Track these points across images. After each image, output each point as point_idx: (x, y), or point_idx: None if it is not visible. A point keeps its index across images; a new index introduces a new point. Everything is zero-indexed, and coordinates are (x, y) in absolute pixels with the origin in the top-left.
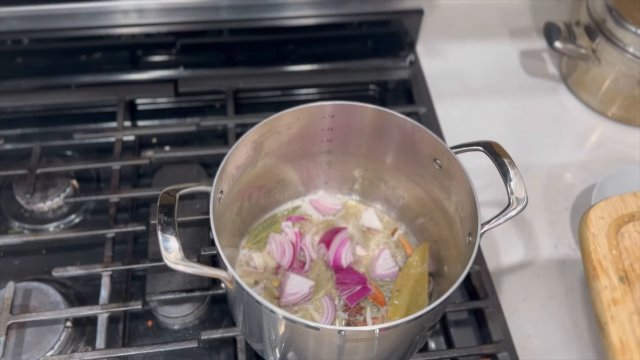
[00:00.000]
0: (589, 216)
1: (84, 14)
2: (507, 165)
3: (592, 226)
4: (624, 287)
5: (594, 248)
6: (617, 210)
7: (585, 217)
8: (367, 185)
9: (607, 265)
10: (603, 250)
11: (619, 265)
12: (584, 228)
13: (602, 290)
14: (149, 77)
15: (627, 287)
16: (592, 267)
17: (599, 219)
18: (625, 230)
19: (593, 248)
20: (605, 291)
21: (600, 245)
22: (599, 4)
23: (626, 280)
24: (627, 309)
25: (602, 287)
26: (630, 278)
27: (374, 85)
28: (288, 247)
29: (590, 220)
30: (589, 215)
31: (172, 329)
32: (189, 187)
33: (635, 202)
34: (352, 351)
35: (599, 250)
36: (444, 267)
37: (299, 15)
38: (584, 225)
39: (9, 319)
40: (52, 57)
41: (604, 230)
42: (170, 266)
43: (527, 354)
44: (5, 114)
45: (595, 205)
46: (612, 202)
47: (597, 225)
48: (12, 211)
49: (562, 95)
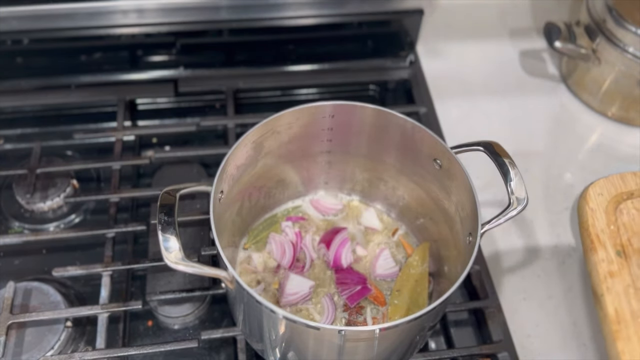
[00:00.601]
0: (588, 192)
1: (84, 14)
2: (508, 165)
3: (591, 201)
4: (621, 261)
5: (592, 222)
6: (616, 188)
7: (585, 193)
8: (367, 185)
9: (604, 239)
10: (601, 224)
11: (616, 240)
12: (583, 203)
13: (599, 262)
14: (149, 77)
15: (623, 261)
16: (590, 241)
17: (598, 195)
18: (624, 206)
19: (591, 222)
20: (602, 264)
21: (599, 219)
22: (599, 4)
23: (623, 255)
24: (623, 282)
25: (599, 260)
26: (628, 252)
27: (374, 85)
28: (288, 247)
29: (590, 196)
30: (588, 191)
31: (172, 328)
32: (189, 187)
33: (634, 180)
34: (352, 351)
35: (597, 224)
36: (444, 267)
37: (299, 15)
38: (583, 201)
39: (9, 318)
40: (52, 57)
41: (603, 206)
42: (170, 266)
43: (527, 354)
44: (5, 114)
45: (595, 182)
46: (612, 180)
47: (596, 201)
48: (12, 211)
49: (562, 95)
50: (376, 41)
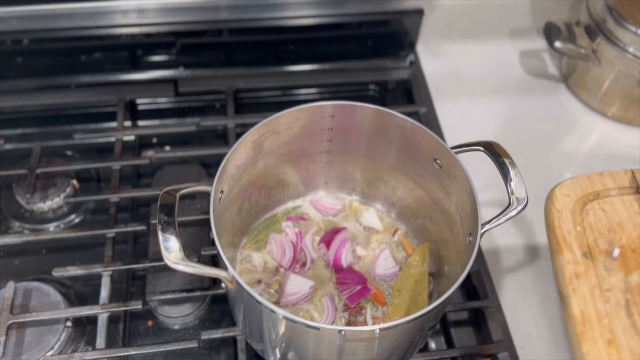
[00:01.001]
0: (555, 193)
1: (84, 14)
2: (508, 165)
3: (557, 203)
4: (587, 262)
5: (559, 224)
6: (582, 188)
7: (551, 194)
8: (367, 185)
9: (570, 241)
10: (567, 225)
11: (582, 241)
12: (549, 204)
13: (565, 264)
14: (149, 77)
15: (590, 262)
16: (556, 242)
17: (565, 196)
18: (591, 207)
19: (557, 223)
20: (568, 265)
21: (565, 221)
22: (599, 4)
23: (589, 256)
24: (589, 283)
25: (565, 261)
26: (594, 253)
27: (374, 85)
28: (288, 247)
29: (556, 197)
30: (555, 192)
31: (172, 329)
32: (189, 187)
33: (600, 180)
34: (352, 351)
35: (563, 225)
36: (444, 267)
37: (299, 15)
38: (549, 202)
39: (9, 318)
40: (52, 57)
41: (569, 207)
42: (170, 266)
43: (527, 354)
44: (5, 114)
45: (562, 183)
46: (578, 181)
47: (562, 202)
48: (12, 211)
49: (562, 95)
50: (376, 41)
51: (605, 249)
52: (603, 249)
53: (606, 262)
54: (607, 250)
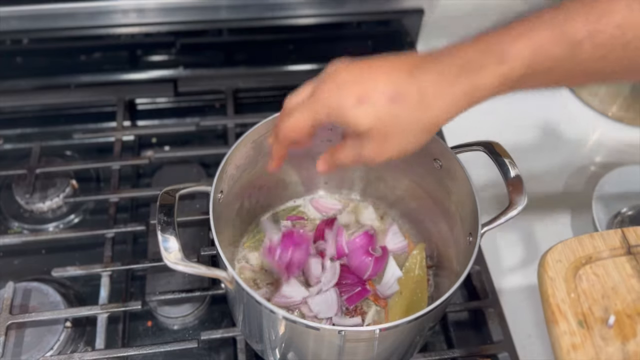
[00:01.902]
0: (547, 260)
1: (84, 14)
2: (508, 165)
3: (549, 270)
4: (583, 332)
5: (552, 292)
6: (574, 253)
7: (543, 261)
8: (366, 185)
9: (565, 310)
10: (561, 294)
11: (577, 309)
12: (542, 272)
13: (562, 335)
14: (148, 77)
15: (586, 332)
16: (551, 312)
17: (557, 262)
18: (583, 272)
19: (551, 292)
20: (564, 337)
21: (559, 289)
22: None
23: (585, 325)
24: (586, 355)
25: (561, 333)
26: (589, 322)
27: None
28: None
29: (548, 263)
30: (547, 259)
31: (172, 329)
32: (189, 187)
33: (591, 243)
34: (352, 351)
35: (557, 294)
36: (444, 268)
37: (299, 15)
38: (541, 269)
39: (8, 319)
40: (52, 57)
41: (562, 274)
42: (170, 266)
43: (528, 354)
44: (5, 114)
45: (553, 248)
46: (569, 245)
47: (554, 268)
48: (12, 211)
49: (562, 95)
50: (376, 41)
51: (600, 316)
52: (598, 316)
53: (602, 330)
54: (602, 318)
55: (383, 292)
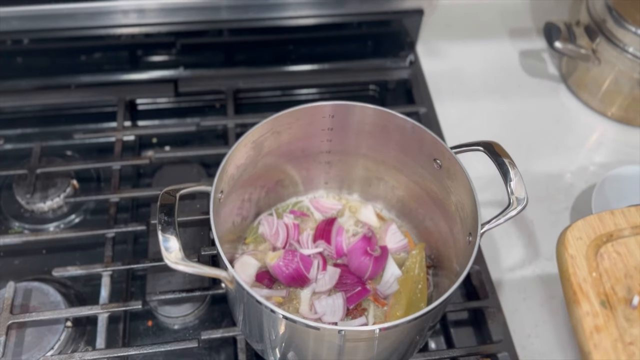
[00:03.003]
0: (567, 237)
1: (84, 14)
2: (507, 165)
3: (570, 247)
4: (606, 313)
5: (573, 271)
6: (595, 230)
7: (563, 238)
8: (367, 185)
9: (587, 289)
10: (583, 273)
11: (599, 289)
12: (561, 249)
13: (584, 316)
14: (149, 77)
15: (609, 312)
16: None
17: (577, 239)
18: (605, 250)
19: (572, 271)
20: (587, 318)
21: (580, 267)
22: (599, 4)
23: (608, 305)
24: (610, 336)
25: (583, 314)
26: (612, 302)
27: (374, 85)
28: (282, 229)
29: (568, 241)
30: (567, 236)
31: (172, 329)
32: (189, 187)
33: (612, 220)
34: (352, 351)
35: (579, 273)
36: (444, 267)
37: (299, 15)
38: (561, 247)
39: (9, 319)
40: (52, 57)
41: (583, 252)
42: (170, 266)
43: (527, 354)
44: (5, 114)
45: (572, 225)
46: (590, 221)
47: (575, 246)
48: (12, 211)
49: (562, 95)
50: (376, 41)
51: (624, 296)
52: (622, 296)
53: (626, 311)
54: (626, 298)
55: (383, 292)
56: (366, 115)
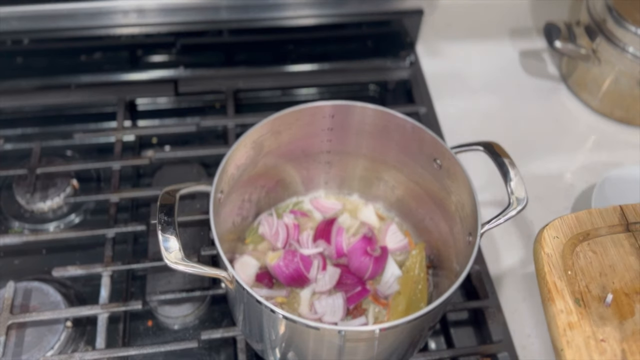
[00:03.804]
0: (543, 235)
1: (84, 14)
2: (507, 165)
3: (546, 246)
4: (580, 310)
5: (549, 269)
6: (571, 229)
7: (539, 237)
8: (367, 185)
9: (562, 287)
10: (558, 271)
11: (574, 287)
12: (538, 248)
13: (558, 314)
14: (149, 77)
15: (583, 310)
16: (547, 290)
17: (554, 238)
18: (581, 249)
19: (548, 269)
20: (560, 315)
21: (555, 266)
22: (599, 4)
23: (582, 303)
24: (583, 333)
25: (557, 311)
26: (586, 300)
27: (374, 85)
28: (282, 229)
29: (545, 239)
30: (543, 235)
31: (172, 329)
32: (189, 187)
33: (589, 219)
34: (352, 351)
35: (554, 271)
36: (443, 267)
37: (299, 15)
38: (538, 245)
39: (9, 319)
40: (52, 57)
41: (559, 250)
42: (170, 266)
43: (527, 354)
44: (5, 114)
45: (550, 224)
46: (567, 221)
47: (551, 244)
48: (12, 211)
49: (562, 95)
50: (376, 41)
51: (598, 294)
52: (596, 294)
53: (600, 309)
54: (600, 296)
55: (383, 292)
56: (366, 115)
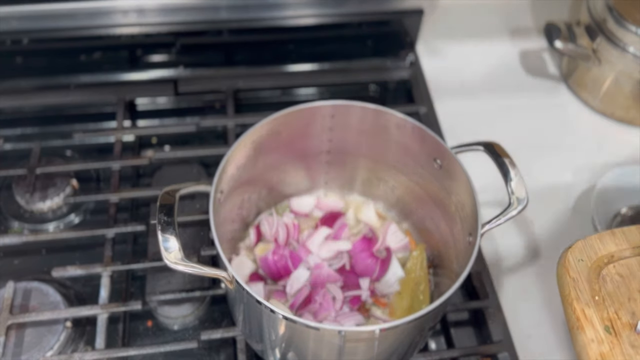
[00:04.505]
0: (568, 259)
1: (84, 14)
2: (508, 165)
3: (571, 270)
4: (611, 338)
5: (576, 295)
6: (595, 251)
7: (563, 260)
8: (367, 185)
9: (590, 315)
10: (585, 297)
11: (603, 314)
12: (562, 272)
13: (589, 343)
14: (148, 77)
15: (614, 339)
16: (576, 318)
17: (578, 261)
18: (607, 272)
19: (575, 295)
20: (592, 345)
21: (582, 291)
22: (600, 4)
23: (612, 331)
24: None
25: (588, 341)
26: (617, 328)
27: (374, 85)
28: (282, 228)
29: (569, 263)
30: (568, 258)
31: (172, 329)
32: (189, 187)
33: (613, 240)
34: (352, 351)
35: (581, 297)
36: (444, 267)
37: (299, 15)
38: (562, 269)
39: (8, 319)
40: (52, 57)
41: (584, 274)
42: (170, 266)
43: (528, 355)
44: (5, 114)
45: (573, 246)
46: (590, 242)
47: (576, 268)
48: (12, 211)
49: (562, 95)
50: (376, 41)
51: (628, 321)
52: (626, 321)
53: (631, 336)
54: (630, 323)
55: (382, 291)
56: (366, 115)
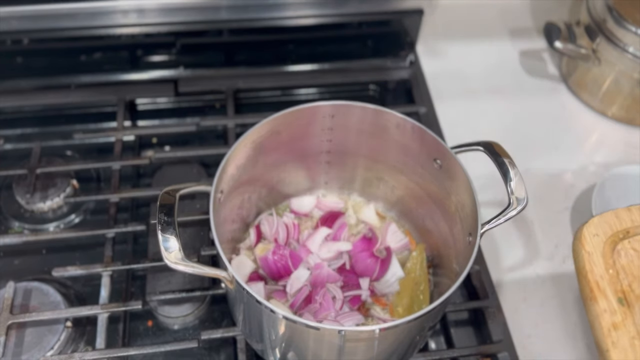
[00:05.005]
0: (583, 233)
1: (84, 14)
2: (507, 165)
3: (586, 244)
4: (624, 310)
5: (590, 268)
6: (611, 226)
7: (579, 235)
8: (367, 185)
9: (604, 286)
10: (599, 270)
11: (617, 286)
12: (578, 246)
13: (601, 314)
14: (149, 77)
15: (626, 310)
16: (589, 289)
17: (594, 236)
18: (622, 247)
19: (589, 268)
20: (604, 315)
21: (596, 264)
22: (599, 4)
23: (625, 302)
24: (628, 334)
25: (600, 311)
26: (630, 299)
27: (374, 85)
28: (282, 228)
29: (585, 237)
30: (583, 233)
31: (172, 329)
32: (189, 187)
33: (629, 216)
34: (352, 351)
35: (595, 270)
36: (444, 267)
37: (299, 15)
38: (578, 244)
39: (9, 319)
40: (52, 57)
41: (599, 249)
42: (170, 266)
43: (527, 354)
44: (5, 114)
45: (589, 222)
46: (606, 218)
47: (591, 242)
48: (12, 211)
49: (562, 95)
50: (376, 41)
51: None
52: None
53: None
54: None
55: (382, 290)
56: (366, 115)
